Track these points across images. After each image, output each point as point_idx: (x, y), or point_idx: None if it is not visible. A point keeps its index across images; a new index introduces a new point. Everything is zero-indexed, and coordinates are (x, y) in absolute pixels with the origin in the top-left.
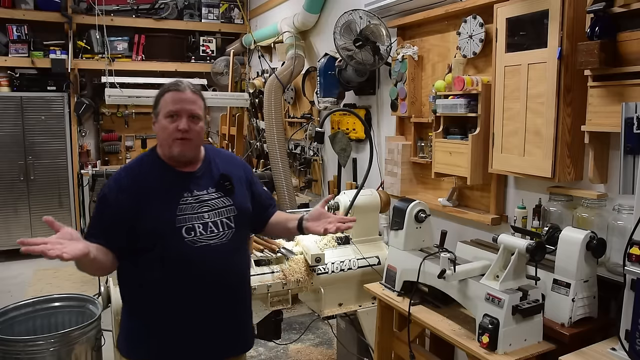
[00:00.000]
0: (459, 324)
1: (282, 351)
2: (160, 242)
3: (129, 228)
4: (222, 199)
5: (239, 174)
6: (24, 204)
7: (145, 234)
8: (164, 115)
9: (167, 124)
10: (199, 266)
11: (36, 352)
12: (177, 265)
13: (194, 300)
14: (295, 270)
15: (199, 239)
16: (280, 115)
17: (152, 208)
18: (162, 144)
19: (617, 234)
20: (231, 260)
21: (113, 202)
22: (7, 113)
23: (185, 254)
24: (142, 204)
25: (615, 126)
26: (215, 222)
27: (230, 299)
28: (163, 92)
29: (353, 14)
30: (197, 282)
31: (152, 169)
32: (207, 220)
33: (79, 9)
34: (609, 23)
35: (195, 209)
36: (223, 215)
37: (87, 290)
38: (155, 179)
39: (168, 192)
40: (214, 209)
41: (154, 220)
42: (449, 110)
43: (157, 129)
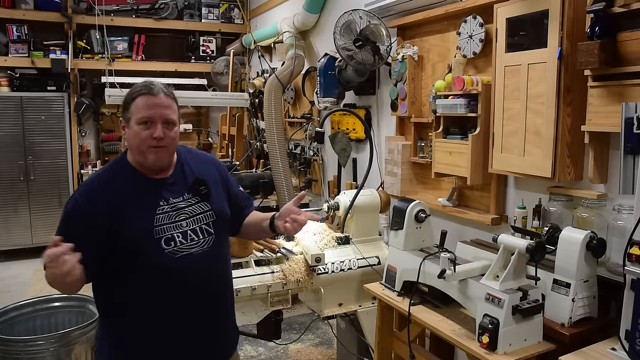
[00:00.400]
0: (459, 324)
1: (282, 351)
2: (138, 255)
3: (101, 242)
4: (199, 205)
5: (214, 175)
6: (24, 204)
7: (122, 247)
8: (136, 121)
9: (140, 131)
10: (181, 276)
11: (36, 352)
12: (158, 277)
13: (176, 311)
14: (295, 270)
15: (180, 249)
16: (280, 115)
17: (128, 219)
18: (134, 151)
19: (617, 234)
20: (213, 268)
21: (83, 215)
22: (7, 113)
23: (166, 265)
24: (116, 215)
25: (615, 126)
26: (194, 230)
27: (213, 307)
28: (134, 96)
29: (353, 14)
30: (179, 292)
31: (123, 178)
32: (186, 228)
33: (79, 9)
34: (609, 23)
35: (172, 218)
36: (202, 221)
37: (87, 290)
38: (128, 188)
39: (142, 201)
40: (192, 215)
41: (131, 232)
42: (449, 110)
43: (129, 135)
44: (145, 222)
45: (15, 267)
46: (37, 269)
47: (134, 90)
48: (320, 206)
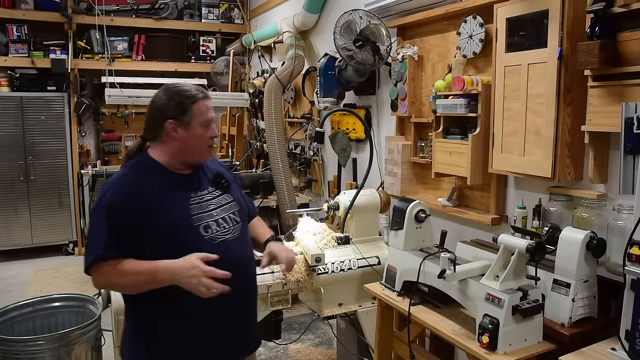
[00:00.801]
0: (459, 324)
1: (282, 351)
2: (181, 243)
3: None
4: (223, 196)
5: (227, 173)
6: (24, 204)
7: (164, 237)
8: (200, 124)
9: (203, 133)
10: (222, 261)
11: (36, 352)
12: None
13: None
14: (295, 270)
15: (216, 235)
16: (280, 115)
17: (166, 211)
18: (189, 151)
19: (617, 234)
20: (245, 253)
21: (122, 209)
22: (7, 113)
23: (207, 251)
24: (154, 208)
25: (615, 126)
26: (224, 218)
27: (249, 291)
28: (194, 100)
29: (353, 14)
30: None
31: (152, 174)
32: (217, 217)
33: (79, 9)
34: (609, 23)
35: (204, 208)
36: (228, 210)
37: (87, 290)
38: (159, 184)
39: (176, 194)
40: (219, 206)
41: (171, 222)
42: (449, 110)
43: (185, 137)
44: (183, 212)
45: (15, 267)
46: (37, 269)
47: (187, 94)
48: (320, 206)
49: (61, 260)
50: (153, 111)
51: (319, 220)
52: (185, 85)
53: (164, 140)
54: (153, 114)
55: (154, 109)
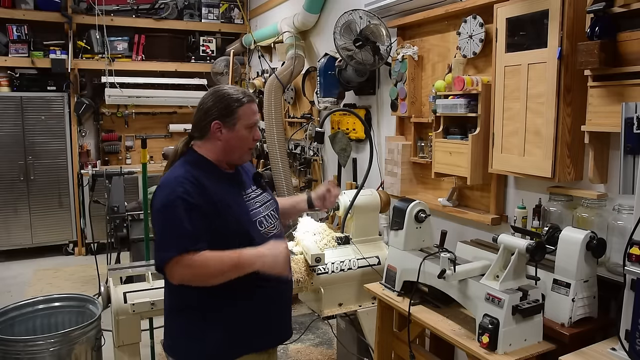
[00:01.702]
0: (459, 324)
1: (282, 351)
2: (245, 237)
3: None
4: (263, 195)
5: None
6: (24, 204)
7: (234, 230)
8: (245, 126)
9: (248, 135)
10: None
11: (36, 352)
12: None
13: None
14: (295, 270)
15: (268, 230)
16: (280, 115)
17: (231, 206)
18: (232, 151)
19: (617, 234)
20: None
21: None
22: (7, 113)
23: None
24: (222, 202)
25: (615, 126)
26: (268, 215)
27: (291, 284)
28: (241, 103)
29: (353, 14)
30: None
31: (209, 172)
32: (264, 213)
33: (79, 9)
34: (609, 23)
35: (253, 205)
36: (269, 208)
37: (87, 290)
38: (217, 181)
39: (232, 191)
40: (263, 203)
41: (238, 217)
42: (449, 110)
43: (230, 137)
44: (244, 207)
45: (15, 267)
46: (37, 269)
47: (236, 96)
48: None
49: (61, 260)
50: (201, 112)
51: (319, 220)
52: (232, 88)
53: (210, 139)
54: (200, 114)
55: (201, 110)
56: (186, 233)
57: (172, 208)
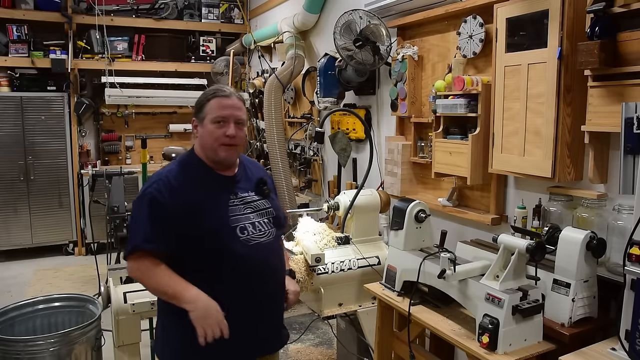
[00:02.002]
0: (459, 324)
1: (282, 351)
2: (218, 242)
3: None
4: (262, 201)
5: (269, 182)
6: (24, 204)
7: (202, 236)
8: (211, 120)
9: (214, 129)
10: (256, 262)
11: (36, 352)
12: (235, 264)
13: (252, 297)
14: (295, 270)
15: (252, 237)
16: (280, 115)
17: (206, 209)
18: (207, 148)
19: (617, 234)
20: (278, 258)
21: (166, 203)
22: (7, 113)
23: (243, 252)
24: (195, 204)
25: (615, 126)
26: (260, 222)
27: (279, 294)
28: (208, 98)
29: (353, 14)
30: (253, 277)
31: (196, 172)
32: (254, 220)
33: (79, 9)
34: (609, 23)
35: (242, 210)
36: (264, 216)
37: (87, 290)
38: (202, 182)
39: (216, 194)
40: (257, 210)
41: (209, 222)
42: (449, 110)
43: (202, 133)
44: (222, 212)
45: (15, 267)
46: (37, 269)
47: (208, 92)
48: (320, 206)
49: (61, 260)
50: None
51: (319, 220)
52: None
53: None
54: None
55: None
56: (142, 231)
57: (139, 202)
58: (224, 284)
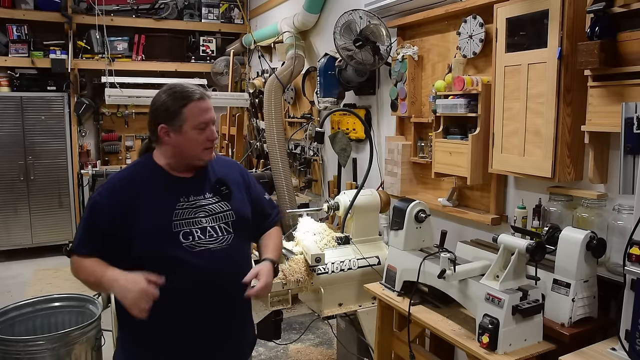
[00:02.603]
0: (459, 324)
1: (282, 351)
2: (157, 248)
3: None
4: (219, 204)
5: (237, 178)
6: (24, 204)
7: (141, 240)
8: (192, 127)
9: (197, 136)
10: (197, 270)
11: (36, 352)
12: (175, 270)
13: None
14: (295, 270)
15: (198, 243)
16: (280, 115)
17: (147, 213)
18: (184, 155)
19: (617, 234)
20: (231, 266)
21: (105, 207)
22: (7, 113)
23: (183, 259)
24: (135, 208)
25: (615, 126)
26: (213, 227)
27: (227, 305)
28: (185, 102)
29: (353, 14)
30: (195, 286)
31: (147, 175)
32: (205, 225)
33: (79, 9)
34: (609, 23)
35: (192, 214)
36: (221, 220)
37: (87, 290)
38: (150, 185)
39: (163, 197)
40: (211, 214)
41: (150, 226)
42: (449, 110)
43: (179, 141)
44: (163, 217)
45: (15, 267)
46: (37, 269)
47: (177, 96)
48: (320, 206)
49: (61, 260)
50: (149, 115)
51: (319, 220)
52: (179, 86)
53: (161, 143)
54: (149, 117)
55: (150, 113)
56: (79, 236)
57: (87, 207)
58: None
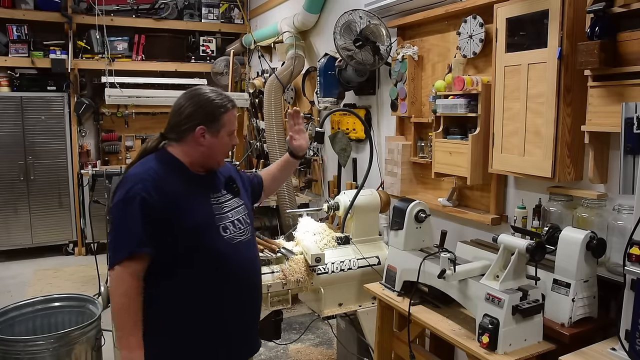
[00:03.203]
0: (459, 324)
1: (282, 351)
2: (205, 241)
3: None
4: (234, 200)
5: (235, 175)
6: (24, 204)
7: (189, 234)
8: (228, 132)
9: (229, 141)
10: (237, 261)
11: (36, 352)
12: (218, 261)
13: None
14: (295, 270)
15: (234, 236)
16: (280, 115)
17: (191, 208)
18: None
19: (617, 234)
20: (256, 255)
21: (156, 204)
22: (7, 113)
23: (226, 251)
24: (179, 203)
25: (615, 126)
26: (238, 220)
27: (258, 294)
28: (225, 110)
29: (353, 14)
30: (234, 276)
31: (175, 172)
32: (232, 218)
33: (79, 9)
34: (609, 23)
35: (221, 209)
36: (240, 213)
37: (87, 290)
38: (182, 180)
39: (198, 193)
40: (232, 208)
41: (197, 220)
42: (449, 110)
43: (214, 143)
44: (206, 212)
45: (15, 267)
46: (37, 269)
47: (223, 104)
48: (320, 206)
49: (61, 260)
50: (180, 115)
51: (319, 220)
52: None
53: (189, 143)
54: (180, 117)
55: (181, 113)
56: (135, 234)
57: (126, 205)
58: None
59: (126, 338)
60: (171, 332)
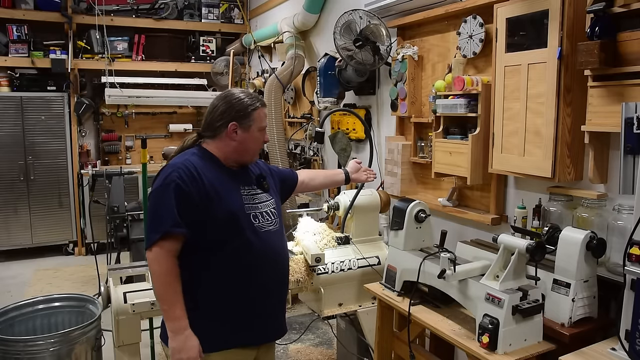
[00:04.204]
0: (459, 324)
1: (282, 351)
2: (235, 228)
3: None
4: (264, 194)
5: (265, 171)
6: (24, 204)
7: (221, 223)
8: (258, 129)
9: (260, 137)
10: (265, 249)
11: (36, 352)
12: (248, 250)
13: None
14: (295, 270)
15: (262, 224)
16: (280, 115)
17: (224, 196)
18: (245, 152)
19: (617, 234)
20: (284, 245)
21: (190, 191)
22: (7, 113)
23: (255, 238)
24: (212, 193)
25: (615, 126)
26: (267, 211)
27: (284, 281)
28: (255, 107)
29: (353, 14)
30: (262, 264)
31: (212, 166)
32: (262, 209)
33: (79, 9)
34: (609, 23)
35: (250, 200)
36: (269, 206)
37: (87, 290)
38: (216, 173)
39: (230, 184)
40: (262, 201)
41: (231, 208)
42: (449, 110)
43: (245, 138)
44: (238, 200)
45: (15, 267)
46: (37, 269)
47: (252, 102)
48: (320, 206)
49: (61, 260)
50: (214, 113)
51: (319, 220)
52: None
53: (223, 139)
54: (214, 115)
55: (215, 111)
56: (170, 217)
57: (165, 190)
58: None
59: (172, 310)
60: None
